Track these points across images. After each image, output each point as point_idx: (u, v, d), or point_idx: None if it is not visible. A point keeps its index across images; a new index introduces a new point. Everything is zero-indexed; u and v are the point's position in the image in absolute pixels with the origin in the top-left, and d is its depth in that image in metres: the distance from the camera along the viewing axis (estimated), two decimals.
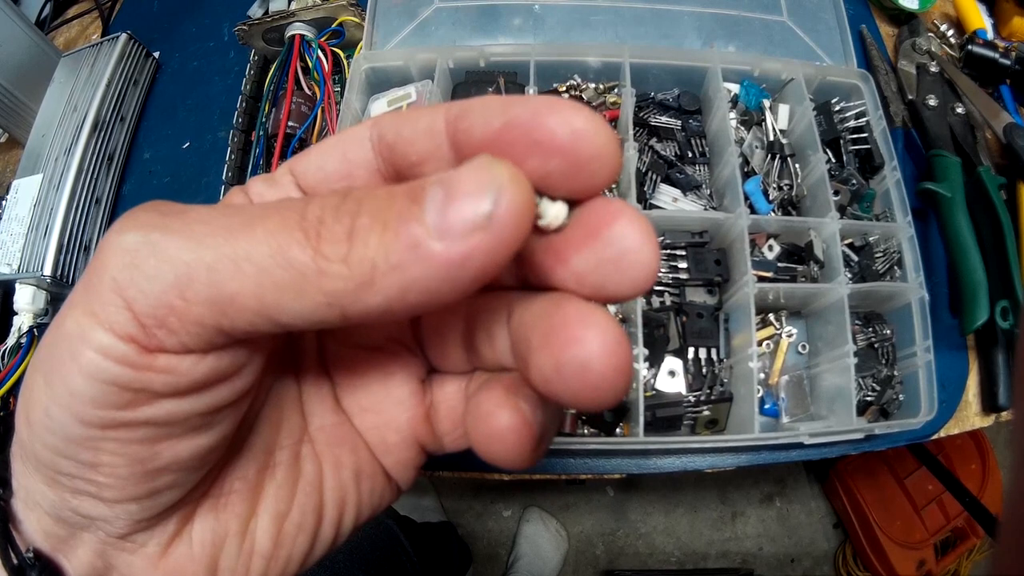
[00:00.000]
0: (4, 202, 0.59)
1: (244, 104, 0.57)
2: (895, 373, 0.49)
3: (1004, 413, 0.51)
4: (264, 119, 0.54)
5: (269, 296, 0.12)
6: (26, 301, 0.54)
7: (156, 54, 0.67)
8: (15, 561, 0.15)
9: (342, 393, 0.19)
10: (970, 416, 0.52)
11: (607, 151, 0.13)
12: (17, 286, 0.54)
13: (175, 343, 0.13)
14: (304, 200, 0.13)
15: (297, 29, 0.56)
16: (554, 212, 0.14)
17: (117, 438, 0.14)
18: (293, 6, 0.58)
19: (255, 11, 0.65)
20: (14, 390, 0.51)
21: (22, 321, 0.54)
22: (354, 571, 0.59)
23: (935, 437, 0.51)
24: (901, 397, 0.48)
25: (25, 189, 0.59)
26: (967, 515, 0.95)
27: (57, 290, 0.55)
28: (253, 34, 0.58)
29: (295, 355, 0.19)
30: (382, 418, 0.19)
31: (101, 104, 0.61)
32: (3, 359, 0.53)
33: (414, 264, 0.12)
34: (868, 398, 0.48)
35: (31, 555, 0.15)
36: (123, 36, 0.63)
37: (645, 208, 0.48)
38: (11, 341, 0.54)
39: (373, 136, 0.16)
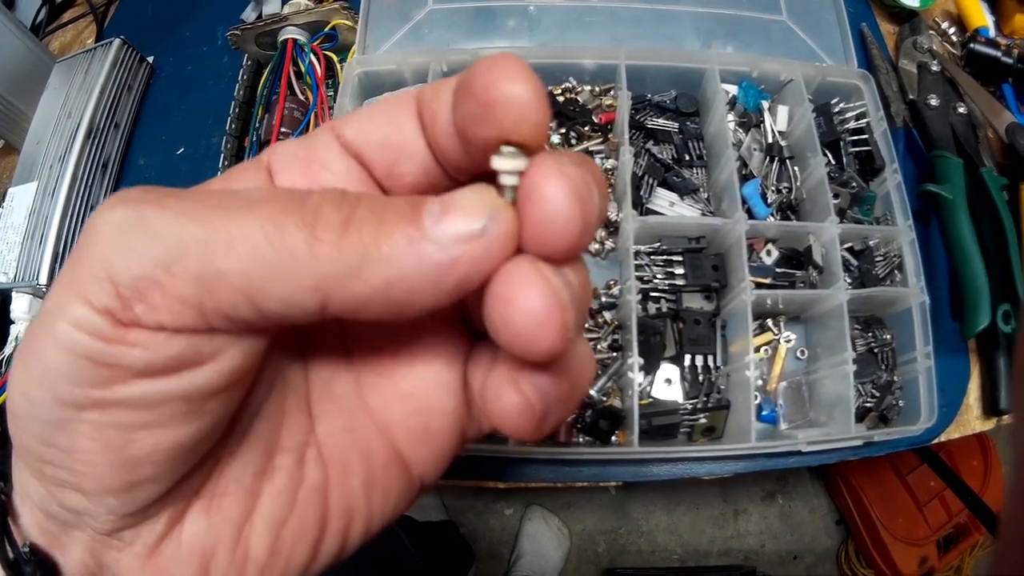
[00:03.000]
0: (0, 210, 0.59)
1: (237, 110, 0.56)
2: (895, 379, 0.48)
3: (1005, 417, 0.51)
4: (257, 125, 0.54)
5: (256, 276, 0.13)
6: (22, 310, 0.54)
7: (150, 59, 0.66)
8: (11, 556, 0.15)
9: (372, 384, 0.18)
10: (971, 420, 0.51)
11: (514, 97, 0.13)
12: (13, 295, 0.54)
13: (152, 320, 0.13)
14: (305, 191, 0.14)
15: (290, 33, 0.56)
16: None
17: (91, 421, 0.13)
18: (286, 10, 0.58)
19: (248, 15, 0.64)
20: None
21: (19, 330, 0.54)
22: (354, 570, 0.59)
23: (936, 442, 0.50)
24: (901, 403, 0.48)
25: (20, 197, 0.58)
26: (969, 512, 0.95)
27: None
28: (246, 39, 0.58)
29: (304, 350, 0.18)
30: (426, 403, 0.18)
31: (95, 110, 0.60)
32: (1, 368, 0.53)
33: (404, 259, 0.13)
34: (867, 404, 0.47)
35: (27, 550, 0.15)
36: (116, 42, 0.63)
37: (642, 213, 0.48)
38: (8, 350, 0.54)
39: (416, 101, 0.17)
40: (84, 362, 0.13)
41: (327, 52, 0.56)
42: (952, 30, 0.58)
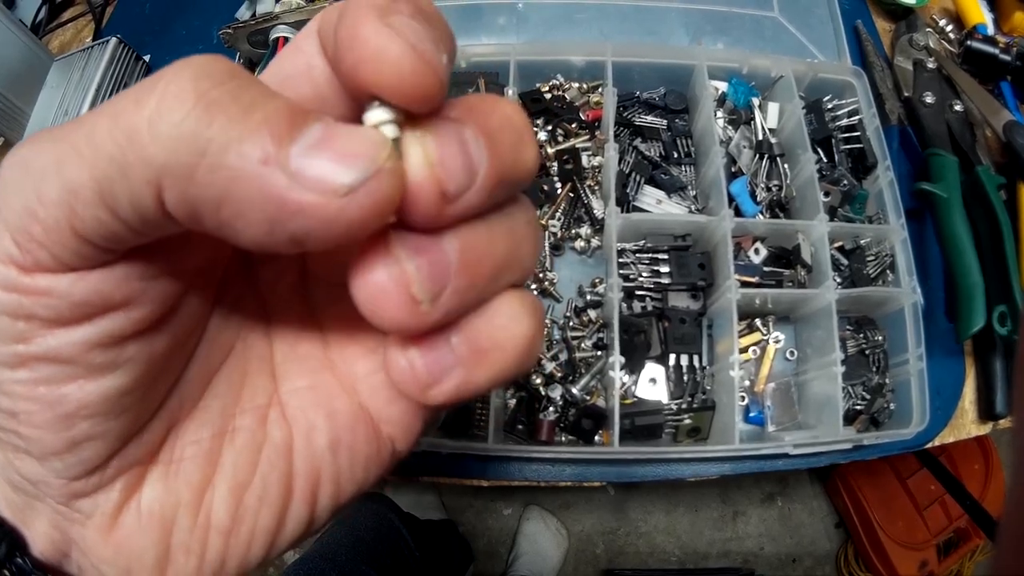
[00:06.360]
0: None
1: None
2: (886, 381, 0.48)
3: (1002, 421, 0.50)
4: None
5: (103, 178, 0.11)
6: None
7: (147, 57, 0.67)
8: None
9: (337, 339, 0.18)
10: (966, 424, 0.50)
11: (378, 53, 0.11)
12: None
13: (47, 257, 0.12)
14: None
15: (281, 31, 0.56)
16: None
17: (23, 379, 0.13)
18: (278, 8, 0.58)
19: (243, 13, 0.64)
20: None
21: None
22: (356, 563, 0.60)
23: (930, 445, 0.50)
24: (892, 406, 0.47)
25: None
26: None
27: None
28: (238, 37, 0.58)
29: (267, 312, 0.18)
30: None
31: (91, 108, 0.61)
32: None
33: (248, 178, 0.11)
34: (858, 407, 0.47)
35: None
36: (113, 40, 0.63)
37: (628, 211, 0.47)
38: None
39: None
40: (4, 318, 0.13)
41: None
42: (949, 27, 0.57)
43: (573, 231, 0.48)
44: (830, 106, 0.51)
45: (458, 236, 0.13)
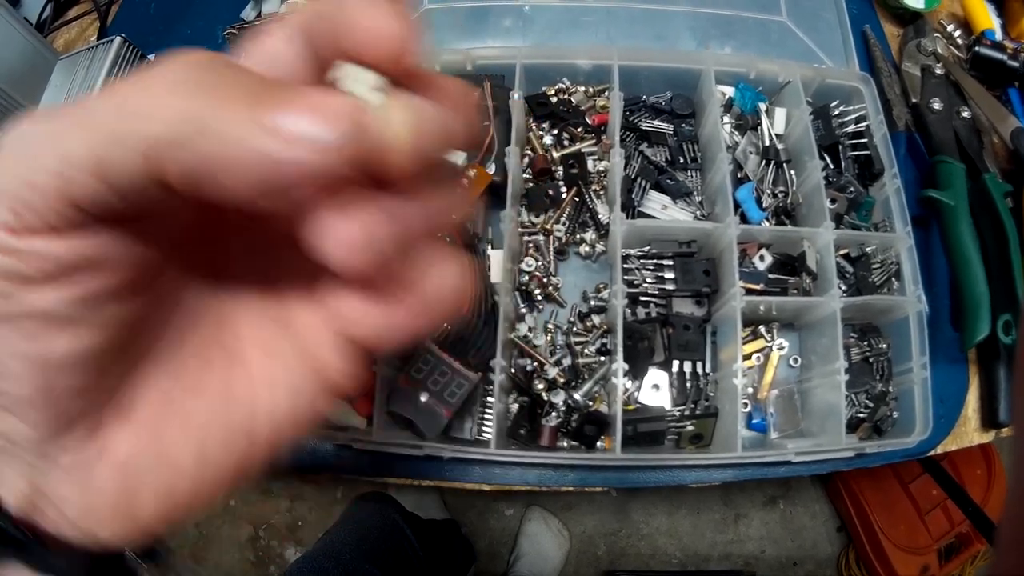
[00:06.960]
0: None
1: None
2: (890, 389, 0.47)
3: (1005, 430, 0.50)
4: None
5: (99, 146, 0.13)
6: None
7: (151, 57, 0.67)
8: None
9: (297, 301, 0.19)
10: (969, 432, 0.50)
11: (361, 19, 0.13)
12: None
13: (37, 221, 0.13)
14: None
15: None
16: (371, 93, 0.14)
17: (6, 336, 0.14)
18: (283, 9, 0.58)
19: (248, 13, 0.64)
20: None
21: None
22: (360, 562, 0.60)
23: (932, 454, 0.49)
24: (895, 414, 0.47)
25: None
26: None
27: None
28: (243, 37, 0.58)
29: (236, 276, 0.19)
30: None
31: None
32: None
33: (233, 140, 0.12)
34: (861, 415, 0.47)
35: None
36: (117, 39, 0.63)
37: (634, 216, 0.47)
38: None
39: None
40: None
41: None
42: (957, 33, 0.56)
43: (578, 236, 0.48)
44: (837, 112, 0.51)
45: (421, 191, 0.15)
